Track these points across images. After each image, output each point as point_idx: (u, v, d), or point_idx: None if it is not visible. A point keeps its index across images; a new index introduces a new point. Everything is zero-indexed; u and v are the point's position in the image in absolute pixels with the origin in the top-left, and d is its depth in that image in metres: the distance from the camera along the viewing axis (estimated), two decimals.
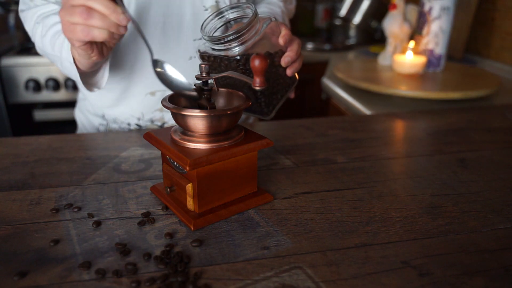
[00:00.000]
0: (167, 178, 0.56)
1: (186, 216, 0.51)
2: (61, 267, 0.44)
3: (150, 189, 0.60)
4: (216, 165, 0.51)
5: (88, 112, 0.93)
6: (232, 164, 0.53)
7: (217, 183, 0.52)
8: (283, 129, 0.84)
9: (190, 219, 0.51)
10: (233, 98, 0.57)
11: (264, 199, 0.56)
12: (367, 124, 0.88)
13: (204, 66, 0.52)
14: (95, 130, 0.93)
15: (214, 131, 0.51)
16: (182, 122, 0.51)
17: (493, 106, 1.05)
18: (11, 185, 0.60)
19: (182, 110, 0.49)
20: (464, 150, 0.75)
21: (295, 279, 0.42)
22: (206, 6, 0.80)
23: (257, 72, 0.50)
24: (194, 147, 0.51)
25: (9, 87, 1.71)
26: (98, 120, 0.91)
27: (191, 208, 0.52)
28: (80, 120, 0.97)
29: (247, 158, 0.54)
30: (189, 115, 0.49)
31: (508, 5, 1.44)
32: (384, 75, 1.27)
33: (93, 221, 0.51)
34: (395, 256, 0.46)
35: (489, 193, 0.60)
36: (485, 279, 0.43)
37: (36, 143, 0.75)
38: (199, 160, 0.48)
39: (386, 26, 1.39)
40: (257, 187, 0.58)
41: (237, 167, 0.53)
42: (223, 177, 0.53)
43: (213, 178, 0.51)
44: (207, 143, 0.51)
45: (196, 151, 0.50)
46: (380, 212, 0.55)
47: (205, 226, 0.51)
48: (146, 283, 0.41)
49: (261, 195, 0.56)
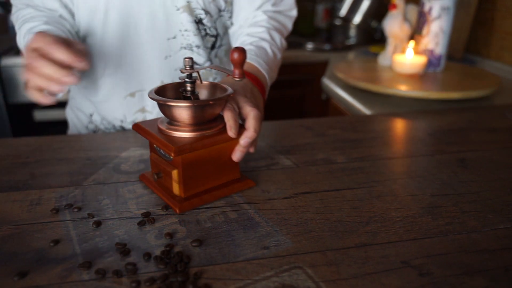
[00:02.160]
0: (154, 165, 0.59)
1: (172, 200, 0.55)
2: (61, 267, 0.44)
3: (139, 177, 0.63)
4: (200, 153, 0.55)
5: (78, 110, 0.94)
6: (216, 152, 0.56)
7: (201, 170, 0.56)
8: (283, 129, 0.84)
9: (176, 203, 0.54)
10: (216, 89, 0.59)
11: (246, 185, 0.60)
12: (367, 124, 0.88)
13: (188, 60, 0.55)
14: (84, 128, 0.93)
15: (198, 121, 0.55)
16: (167, 113, 0.55)
17: (493, 106, 1.05)
18: (12, 186, 0.60)
19: (168, 101, 0.53)
20: (464, 150, 0.75)
21: (295, 279, 0.42)
22: (178, 6, 0.80)
23: (236, 64, 0.54)
24: (179, 136, 0.54)
25: (9, 87, 1.71)
26: (86, 118, 0.92)
27: (177, 193, 0.56)
28: (71, 118, 0.97)
29: (230, 146, 0.57)
30: (174, 105, 0.53)
31: (508, 5, 1.44)
32: (384, 75, 1.27)
33: (93, 221, 0.51)
34: (395, 256, 0.46)
35: (489, 193, 0.60)
36: (485, 279, 0.43)
37: (36, 143, 0.75)
38: (183, 147, 0.52)
39: (386, 26, 1.39)
40: (240, 174, 0.61)
41: (220, 154, 0.57)
42: (207, 164, 0.56)
43: (197, 164, 0.55)
44: (191, 132, 0.55)
45: (181, 139, 0.54)
46: (380, 212, 0.55)
47: (190, 209, 0.54)
48: (146, 283, 0.41)
49: (243, 181, 0.60)
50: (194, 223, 0.52)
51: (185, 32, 0.82)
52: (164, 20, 0.80)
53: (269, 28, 0.83)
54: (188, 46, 0.84)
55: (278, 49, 0.83)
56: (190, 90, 0.56)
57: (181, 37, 0.83)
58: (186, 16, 0.81)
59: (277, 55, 0.81)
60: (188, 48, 0.84)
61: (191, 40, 0.84)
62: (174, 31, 0.82)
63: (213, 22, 0.86)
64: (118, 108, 0.86)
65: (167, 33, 0.81)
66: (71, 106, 0.96)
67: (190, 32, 0.83)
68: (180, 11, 0.80)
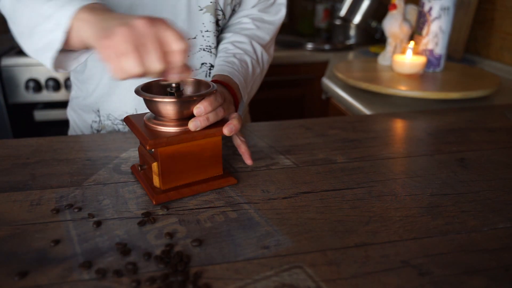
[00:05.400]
0: (141, 157, 0.62)
1: (151, 191, 0.57)
2: (62, 267, 0.44)
3: (130, 168, 0.66)
4: (180, 147, 0.57)
5: (80, 110, 0.93)
6: (196, 147, 0.58)
7: (181, 164, 0.58)
8: (283, 129, 0.84)
9: (154, 194, 0.56)
10: (201, 86, 0.61)
11: (227, 182, 0.61)
12: (367, 124, 0.88)
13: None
14: (87, 128, 0.92)
15: (181, 116, 0.56)
16: (152, 108, 0.56)
17: (493, 106, 1.05)
18: (12, 186, 0.60)
19: (152, 97, 0.54)
20: (464, 150, 0.75)
21: (295, 279, 0.42)
22: (201, 6, 0.80)
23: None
24: (162, 130, 0.56)
25: (10, 87, 1.71)
26: (91, 116, 0.91)
27: (157, 185, 0.58)
28: (73, 119, 0.96)
29: (211, 142, 0.59)
30: (157, 101, 0.54)
31: (508, 5, 1.44)
32: (384, 75, 1.27)
33: (94, 221, 0.51)
34: (395, 256, 0.46)
35: (489, 193, 0.60)
36: (485, 278, 0.43)
37: (36, 144, 0.75)
38: (159, 140, 0.54)
39: (386, 26, 1.39)
40: (223, 171, 0.62)
41: (202, 150, 0.59)
42: (187, 159, 0.58)
43: (177, 159, 0.57)
44: (174, 126, 0.56)
45: (160, 133, 0.55)
46: (380, 211, 0.55)
47: (166, 201, 0.56)
48: (146, 282, 0.41)
49: (225, 178, 0.61)
50: (194, 223, 0.52)
51: (206, 33, 0.83)
52: (187, 20, 0.80)
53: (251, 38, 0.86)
54: (208, 47, 0.85)
55: (258, 63, 0.86)
56: (175, 86, 0.57)
57: (201, 38, 0.83)
58: (209, 16, 0.81)
59: (256, 69, 0.85)
60: (207, 50, 0.85)
61: (211, 41, 0.84)
62: (195, 31, 0.82)
63: (223, 24, 0.88)
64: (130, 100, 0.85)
65: (188, 33, 0.81)
66: (73, 107, 0.96)
67: (211, 33, 0.83)
68: (203, 11, 0.80)
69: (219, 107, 0.58)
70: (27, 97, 1.73)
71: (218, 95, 0.59)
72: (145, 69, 0.48)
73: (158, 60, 0.47)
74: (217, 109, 0.58)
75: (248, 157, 0.65)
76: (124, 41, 0.46)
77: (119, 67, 0.47)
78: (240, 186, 0.61)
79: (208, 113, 0.56)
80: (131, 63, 0.47)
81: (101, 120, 0.90)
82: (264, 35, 0.89)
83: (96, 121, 0.90)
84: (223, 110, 0.59)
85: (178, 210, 0.55)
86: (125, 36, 0.46)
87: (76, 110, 0.94)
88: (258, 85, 0.91)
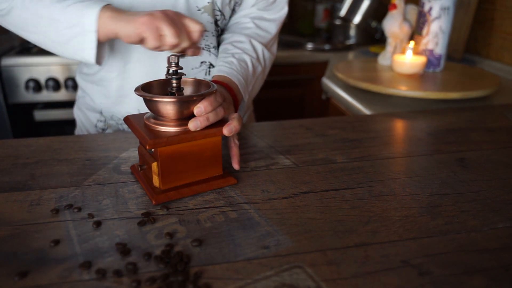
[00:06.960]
0: (141, 157, 0.62)
1: (151, 191, 0.57)
2: (62, 267, 0.44)
3: (130, 168, 0.66)
4: (180, 147, 0.56)
5: (86, 109, 0.93)
6: (196, 147, 0.58)
7: (181, 164, 0.58)
8: (283, 129, 0.84)
9: (153, 194, 0.56)
10: (201, 86, 0.61)
11: (227, 182, 0.60)
12: (367, 124, 0.88)
13: (174, 57, 0.56)
14: (93, 127, 0.93)
15: (180, 116, 0.56)
16: (152, 107, 0.56)
17: (493, 106, 1.05)
18: (12, 187, 0.60)
19: (152, 96, 0.54)
20: (464, 149, 0.75)
21: (295, 278, 0.42)
22: (199, 7, 0.80)
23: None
24: (162, 130, 0.56)
25: (9, 87, 1.71)
26: (96, 116, 0.91)
27: (157, 185, 0.57)
28: (79, 118, 0.97)
29: (211, 142, 0.59)
30: (157, 100, 0.54)
31: (508, 5, 1.44)
32: (384, 75, 1.27)
33: (93, 222, 0.51)
34: (395, 255, 0.46)
35: (489, 193, 0.60)
36: (485, 278, 0.43)
37: (36, 144, 0.75)
38: (159, 140, 0.53)
39: (386, 26, 1.39)
40: (223, 171, 0.62)
41: (201, 150, 0.59)
42: (187, 159, 0.58)
43: (176, 158, 0.57)
44: (174, 126, 0.56)
45: (160, 133, 0.55)
46: (380, 211, 0.55)
47: (167, 201, 0.56)
48: (146, 282, 0.41)
49: (224, 178, 0.61)
50: (194, 223, 0.52)
51: (204, 33, 0.83)
52: None
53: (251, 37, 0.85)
54: (206, 46, 0.85)
55: (258, 61, 0.86)
56: (176, 86, 0.57)
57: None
58: (207, 17, 0.81)
59: (256, 68, 0.85)
60: (206, 49, 0.85)
61: (210, 41, 0.84)
62: None
63: (224, 25, 0.88)
64: (134, 103, 0.86)
65: None
66: (79, 106, 0.97)
67: (209, 33, 0.83)
68: (201, 12, 0.81)
69: (219, 107, 0.58)
70: (27, 97, 1.73)
71: (218, 95, 0.59)
72: (179, 41, 0.61)
73: (186, 36, 0.62)
74: (217, 109, 0.58)
75: (236, 161, 0.63)
76: (162, 18, 0.60)
77: (157, 37, 0.60)
78: (240, 186, 0.61)
79: (208, 113, 0.56)
80: (170, 34, 0.60)
81: (106, 119, 0.90)
82: (265, 34, 0.89)
83: (102, 120, 0.91)
84: (223, 110, 0.59)
85: (178, 210, 0.55)
86: (162, 15, 0.60)
87: (82, 109, 0.95)
88: (261, 84, 0.90)
